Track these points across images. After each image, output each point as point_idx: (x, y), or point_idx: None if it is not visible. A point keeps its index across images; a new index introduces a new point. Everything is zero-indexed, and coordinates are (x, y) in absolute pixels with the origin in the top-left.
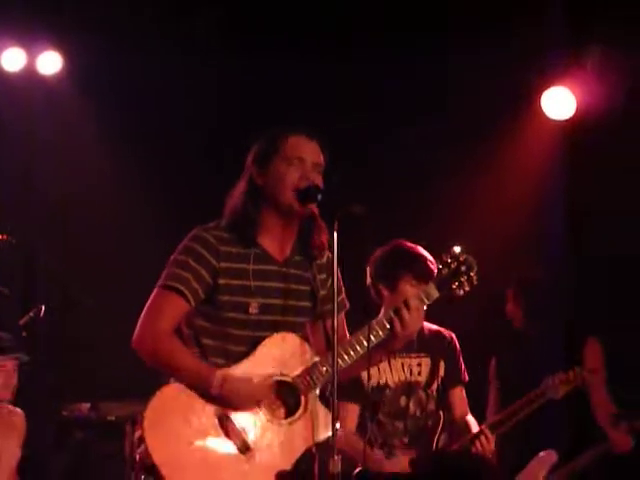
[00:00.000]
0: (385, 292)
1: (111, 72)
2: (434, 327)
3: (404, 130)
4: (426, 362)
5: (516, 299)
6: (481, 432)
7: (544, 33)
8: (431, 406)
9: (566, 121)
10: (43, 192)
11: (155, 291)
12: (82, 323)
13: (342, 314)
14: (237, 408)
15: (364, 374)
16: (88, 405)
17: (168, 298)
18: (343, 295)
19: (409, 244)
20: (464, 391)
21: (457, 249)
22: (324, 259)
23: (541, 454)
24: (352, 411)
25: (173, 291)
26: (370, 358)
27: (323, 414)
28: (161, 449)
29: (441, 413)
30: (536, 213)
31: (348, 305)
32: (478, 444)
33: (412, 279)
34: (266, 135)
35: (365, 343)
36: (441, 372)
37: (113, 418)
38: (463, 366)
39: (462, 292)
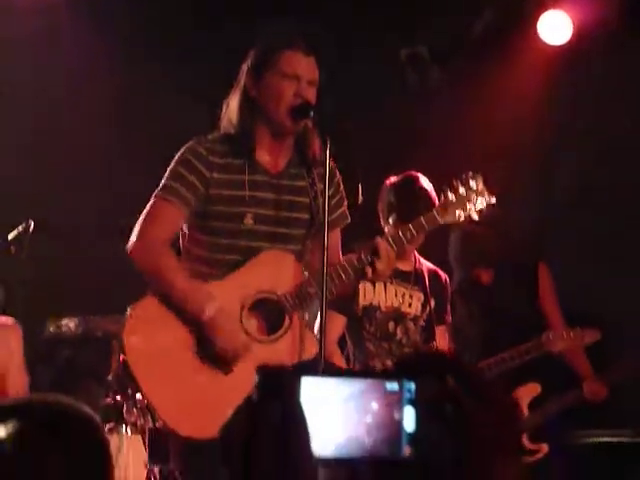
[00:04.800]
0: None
1: None
2: (432, 266)
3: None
4: (418, 296)
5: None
6: None
7: None
8: (417, 338)
9: (562, 46)
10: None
11: (151, 201)
12: (71, 239)
13: (338, 230)
14: (217, 348)
15: (360, 290)
16: (75, 320)
17: (163, 208)
18: (344, 208)
19: (408, 175)
20: (447, 332)
21: (469, 175)
22: (322, 169)
23: (524, 385)
24: (338, 322)
25: (167, 202)
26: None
27: (307, 334)
28: (138, 358)
29: (431, 345)
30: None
31: (349, 219)
32: None
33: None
34: (262, 45)
35: (350, 270)
36: (429, 309)
37: (100, 334)
38: (449, 308)
39: (468, 220)
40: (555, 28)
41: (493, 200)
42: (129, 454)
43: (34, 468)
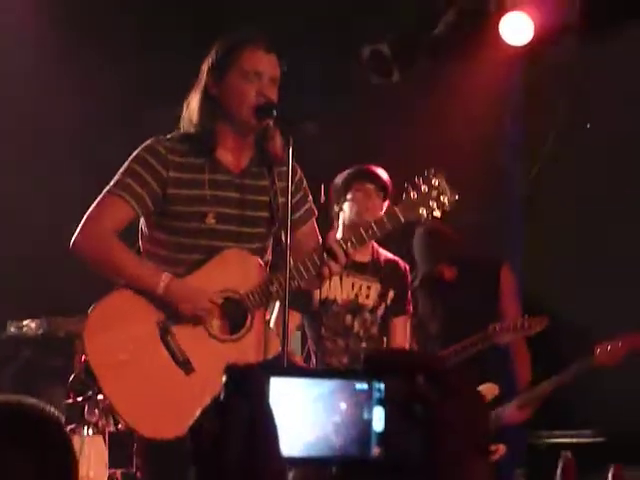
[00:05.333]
0: (338, 206)
1: None
2: (390, 256)
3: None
4: (376, 287)
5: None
6: None
7: None
8: (374, 330)
9: (524, 46)
10: None
11: (101, 196)
12: (29, 238)
13: (312, 221)
14: (180, 313)
15: None
16: (37, 321)
17: (112, 203)
18: (309, 204)
19: (364, 165)
20: (408, 322)
21: (431, 172)
22: (285, 167)
23: (481, 387)
24: (292, 319)
25: (117, 197)
26: (321, 280)
27: (270, 333)
28: (99, 359)
29: (384, 339)
30: (492, 138)
31: (316, 213)
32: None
33: (361, 186)
34: (223, 44)
35: (311, 268)
36: (389, 300)
37: (62, 334)
38: (410, 298)
39: (430, 217)
40: (516, 29)
41: (456, 197)
42: (90, 455)
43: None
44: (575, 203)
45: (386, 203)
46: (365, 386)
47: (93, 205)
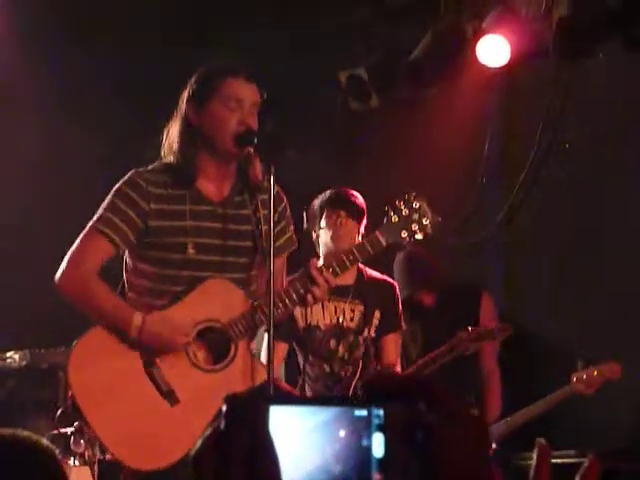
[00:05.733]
0: (315, 233)
1: None
2: (376, 275)
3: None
4: (359, 309)
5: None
6: None
7: None
8: (359, 352)
9: (501, 68)
10: None
11: (85, 231)
12: (11, 269)
13: (284, 256)
14: (158, 351)
15: (297, 314)
16: (20, 353)
17: (95, 241)
18: (290, 234)
19: (341, 189)
20: (400, 338)
21: (412, 195)
22: (267, 195)
23: None
24: (279, 349)
25: (100, 234)
26: (305, 304)
27: (254, 363)
28: (84, 393)
29: (361, 362)
30: (471, 161)
31: (296, 244)
32: None
33: (332, 213)
34: (202, 73)
35: (295, 296)
36: (375, 321)
37: (46, 366)
38: (401, 314)
39: (412, 240)
40: (493, 51)
41: (439, 219)
42: None
43: None
44: (556, 225)
45: (362, 226)
46: (364, 412)
47: (76, 243)
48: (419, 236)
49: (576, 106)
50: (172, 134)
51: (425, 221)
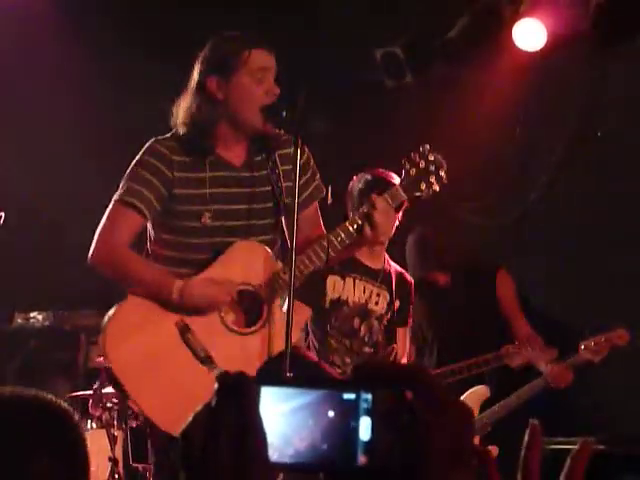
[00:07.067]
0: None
1: None
2: (399, 269)
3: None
4: (385, 295)
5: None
6: None
7: None
8: (380, 337)
9: (536, 52)
10: None
11: (111, 205)
12: (40, 233)
13: (316, 203)
14: (198, 312)
15: (329, 284)
16: (44, 314)
17: (123, 212)
18: (317, 182)
19: (381, 172)
20: (407, 335)
21: (427, 148)
22: (288, 149)
23: (473, 389)
24: (304, 312)
25: (128, 205)
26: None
27: (285, 324)
28: (122, 362)
29: (394, 347)
30: (502, 144)
31: (324, 190)
32: None
33: None
34: (220, 45)
35: (351, 229)
36: (395, 309)
37: (68, 327)
38: (411, 311)
39: (431, 192)
40: (529, 35)
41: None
42: (92, 449)
43: (16, 463)
44: (578, 212)
45: (400, 214)
46: (353, 396)
47: (105, 217)
48: (436, 187)
49: (611, 92)
50: (186, 107)
51: (442, 172)
